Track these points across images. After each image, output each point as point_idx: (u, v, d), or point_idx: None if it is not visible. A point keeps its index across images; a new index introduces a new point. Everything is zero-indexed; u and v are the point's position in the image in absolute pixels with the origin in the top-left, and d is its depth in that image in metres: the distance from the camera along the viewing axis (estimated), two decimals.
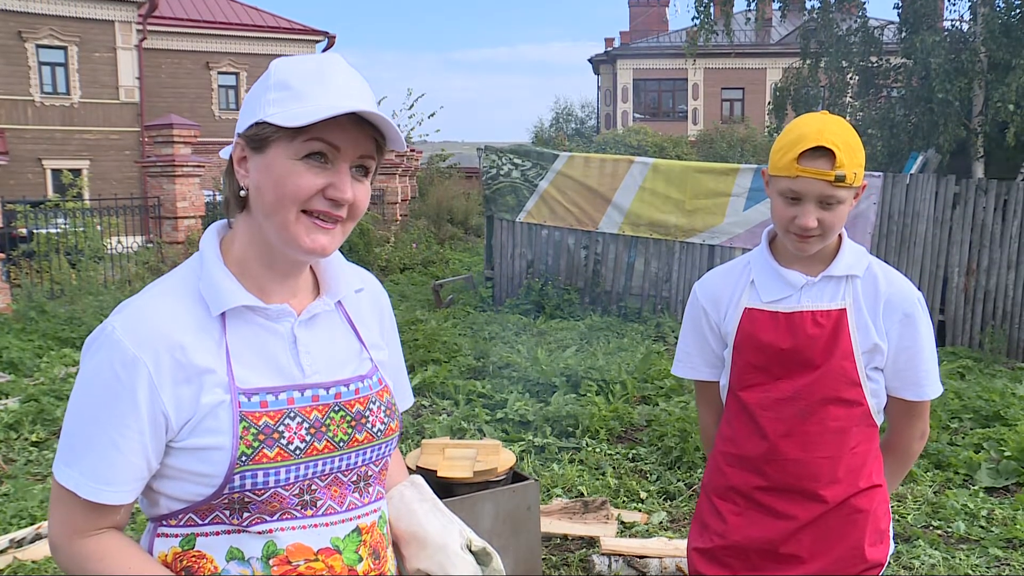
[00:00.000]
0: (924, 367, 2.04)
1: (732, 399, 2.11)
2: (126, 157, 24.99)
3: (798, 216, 1.92)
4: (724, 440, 2.13)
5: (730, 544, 2.08)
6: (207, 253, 1.38)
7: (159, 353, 1.28)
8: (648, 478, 5.52)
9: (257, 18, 30.34)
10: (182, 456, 1.30)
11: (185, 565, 1.33)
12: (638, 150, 24.77)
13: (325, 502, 1.36)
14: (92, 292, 11.33)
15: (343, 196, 1.30)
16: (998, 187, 9.49)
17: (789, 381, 2.01)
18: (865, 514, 2.03)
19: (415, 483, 1.57)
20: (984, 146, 12.70)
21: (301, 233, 1.31)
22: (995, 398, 6.80)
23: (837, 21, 13.99)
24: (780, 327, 2.01)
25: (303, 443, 1.33)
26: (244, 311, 1.35)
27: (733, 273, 2.14)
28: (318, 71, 1.32)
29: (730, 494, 2.10)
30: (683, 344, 2.23)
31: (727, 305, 2.10)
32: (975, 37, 12.53)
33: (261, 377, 1.34)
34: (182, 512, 1.33)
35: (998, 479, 5.44)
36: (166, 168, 14.32)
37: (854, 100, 14.54)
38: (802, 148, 1.88)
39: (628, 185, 10.83)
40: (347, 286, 1.46)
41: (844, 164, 1.87)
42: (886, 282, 2.02)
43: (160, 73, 27.66)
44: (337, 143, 1.30)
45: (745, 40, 32.75)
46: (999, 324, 9.44)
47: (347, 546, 1.37)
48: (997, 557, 4.44)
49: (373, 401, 1.42)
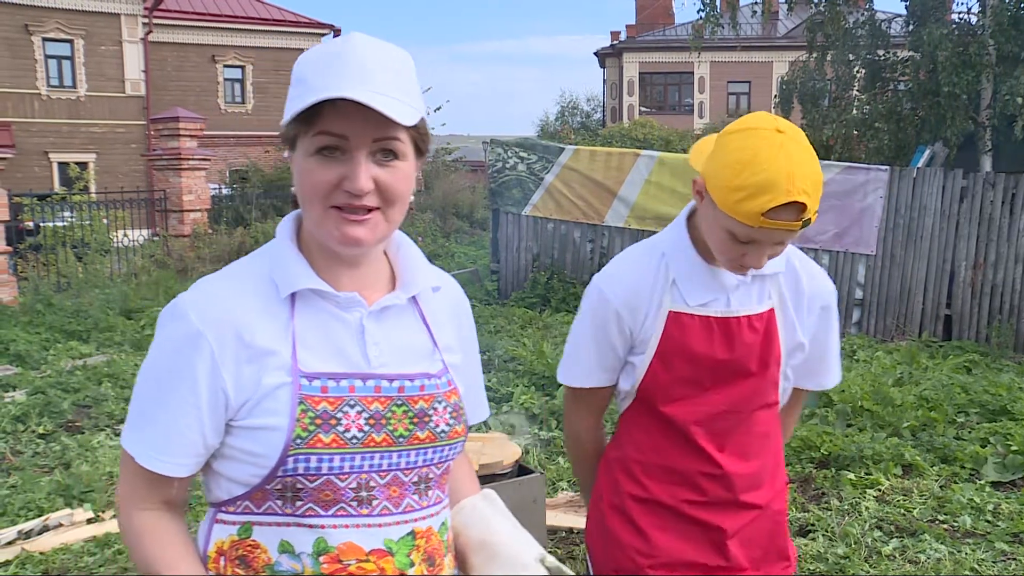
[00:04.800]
0: (831, 358, 1.97)
1: (647, 409, 1.88)
2: (132, 150, 25.04)
3: (748, 255, 1.70)
4: (642, 449, 1.89)
5: (659, 563, 1.88)
6: (281, 237, 1.38)
7: (223, 331, 1.29)
8: None
9: (263, 11, 30.33)
10: (240, 435, 1.30)
11: (240, 554, 1.32)
12: (644, 143, 24.71)
13: (381, 502, 1.33)
14: (98, 285, 11.36)
15: (356, 187, 1.26)
16: (1006, 181, 9.45)
17: (721, 392, 1.82)
18: (782, 513, 1.97)
19: (489, 496, 1.52)
20: (992, 139, 12.64)
21: (331, 227, 1.30)
22: (1002, 392, 6.78)
23: (844, 14, 13.94)
24: (714, 335, 1.80)
25: (361, 433, 1.30)
26: (313, 297, 1.34)
27: (648, 270, 1.85)
28: (326, 60, 1.28)
29: (651, 505, 1.88)
30: (578, 348, 1.91)
31: (646, 308, 1.82)
32: (983, 30, 12.46)
33: (325, 363, 1.32)
34: (239, 499, 1.32)
35: (1004, 473, 5.43)
36: (172, 161, 14.35)
37: (861, 93, 14.49)
38: (772, 204, 1.59)
39: (634, 179, 10.81)
40: (423, 282, 1.43)
41: (811, 210, 1.62)
42: (808, 276, 1.89)
43: (166, 66, 27.66)
44: (343, 132, 1.26)
45: (751, 33, 32.66)
46: (1006, 318, 9.41)
47: (400, 549, 1.34)
48: (1003, 551, 4.43)
49: (439, 401, 1.38)
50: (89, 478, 5.18)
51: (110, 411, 6.60)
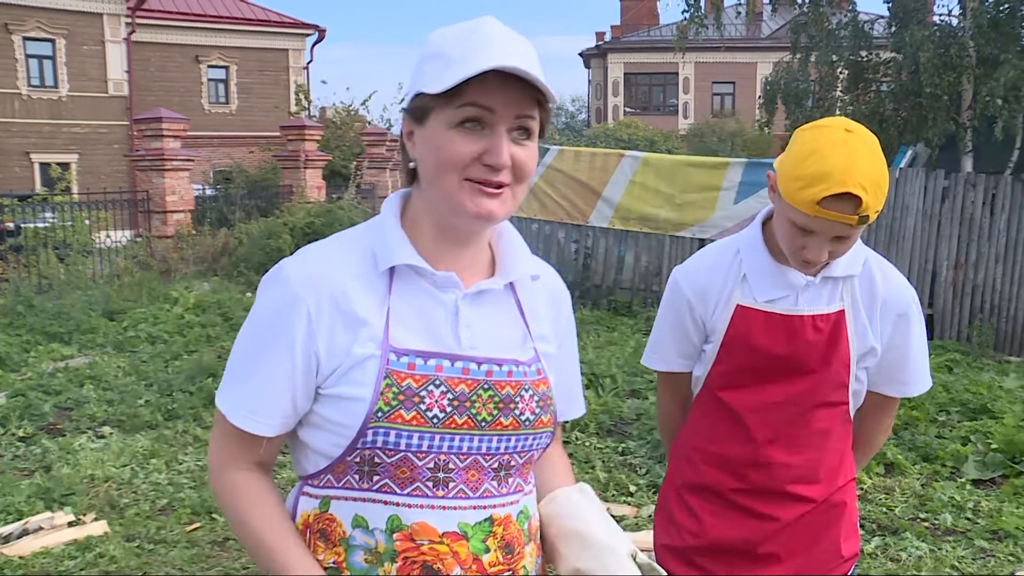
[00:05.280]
0: (913, 365, 1.99)
1: (710, 396, 1.99)
2: (115, 151, 24.88)
3: (808, 248, 1.79)
4: (700, 436, 2.02)
5: (705, 544, 1.98)
6: (386, 214, 1.40)
7: (321, 296, 1.32)
8: (638, 472, 5.53)
9: (247, 11, 30.22)
10: (327, 403, 1.33)
11: (320, 528, 1.36)
12: (629, 144, 24.79)
13: (458, 484, 1.33)
14: (80, 287, 11.27)
15: (499, 161, 1.28)
16: (987, 181, 9.53)
17: (780, 385, 1.90)
18: (842, 508, 2.00)
19: (584, 490, 1.51)
20: (973, 140, 12.72)
21: (466, 199, 1.31)
22: (982, 391, 6.83)
23: (827, 15, 13.99)
24: (776, 330, 1.89)
25: (443, 413, 1.31)
26: (411, 274, 1.36)
27: (722, 263, 1.97)
28: (469, 34, 1.30)
29: (704, 493, 2.00)
30: (658, 334, 2.07)
31: (716, 300, 1.94)
32: (964, 32, 12.55)
33: (416, 340, 1.34)
34: (323, 471, 1.35)
35: (985, 471, 5.47)
36: (155, 162, 14.26)
37: (844, 94, 14.55)
38: (826, 193, 1.69)
39: (618, 179, 10.84)
40: (522, 268, 1.43)
41: (869, 207, 1.70)
42: (883, 280, 1.92)
43: (149, 66, 27.52)
44: (490, 105, 1.28)
45: (736, 34, 32.76)
46: (987, 318, 9.48)
47: (475, 534, 1.34)
48: (983, 549, 4.47)
49: (526, 388, 1.38)
50: (70, 481, 5.15)
51: (92, 413, 6.55)
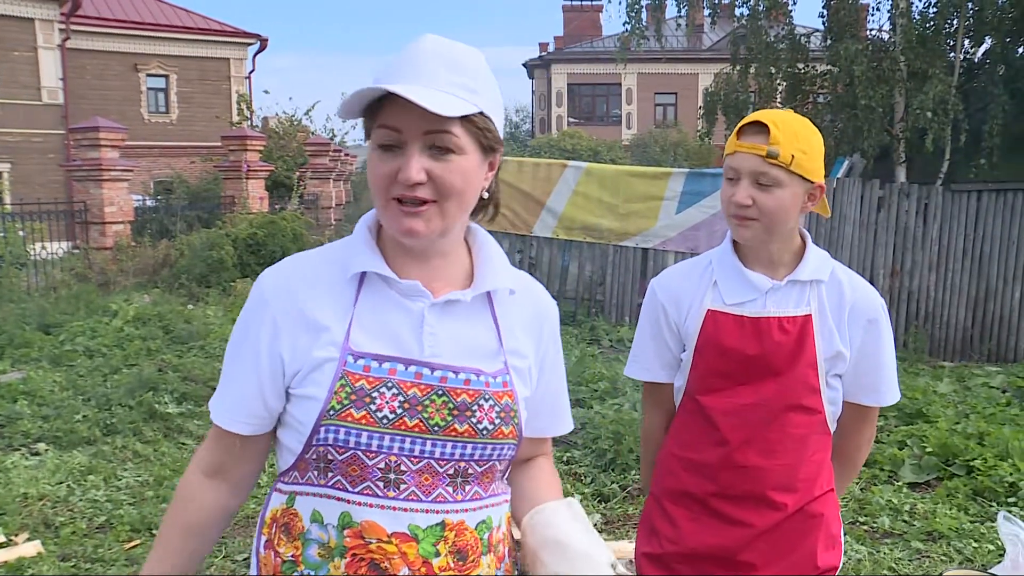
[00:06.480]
0: (884, 373, 2.02)
1: (690, 402, 2.05)
2: (50, 160, 24.23)
3: (735, 193, 1.91)
4: (679, 443, 2.06)
5: (683, 551, 2.02)
6: (359, 226, 1.47)
7: (288, 302, 1.40)
8: (583, 480, 5.56)
9: (186, 19, 29.77)
10: (294, 403, 1.40)
11: (284, 522, 1.41)
12: (572, 154, 24.93)
13: (411, 487, 1.36)
14: (14, 300, 10.97)
15: (404, 176, 1.32)
16: (919, 191, 9.80)
17: (752, 387, 1.96)
18: (819, 519, 2.01)
19: (571, 504, 1.54)
20: (906, 151, 13.09)
21: (391, 219, 1.37)
22: (918, 396, 7.00)
23: (765, 28, 14.29)
24: (746, 332, 1.96)
25: (392, 414, 1.34)
26: (379, 283, 1.42)
27: (695, 272, 2.06)
28: (397, 55, 1.36)
29: (683, 499, 2.04)
30: (639, 344, 2.14)
31: (688, 305, 2.03)
32: (894, 46, 12.91)
33: (377, 344, 1.38)
34: (291, 468, 1.41)
35: (920, 474, 5.62)
36: (92, 172, 13.94)
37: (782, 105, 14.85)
38: (742, 124, 1.92)
39: (561, 189, 10.90)
40: (495, 282, 1.46)
41: (779, 142, 1.86)
42: (851, 288, 1.98)
43: (85, 74, 26.93)
44: (397, 126, 1.32)
45: (677, 46, 33.24)
46: (922, 324, 9.73)
47: (426, 537, 1.36)
48: (918, 550, 4.59)
49: (486, 398, 1.39)
50: (1, 500, 5.00)
51: (26, 429, 6.37)
